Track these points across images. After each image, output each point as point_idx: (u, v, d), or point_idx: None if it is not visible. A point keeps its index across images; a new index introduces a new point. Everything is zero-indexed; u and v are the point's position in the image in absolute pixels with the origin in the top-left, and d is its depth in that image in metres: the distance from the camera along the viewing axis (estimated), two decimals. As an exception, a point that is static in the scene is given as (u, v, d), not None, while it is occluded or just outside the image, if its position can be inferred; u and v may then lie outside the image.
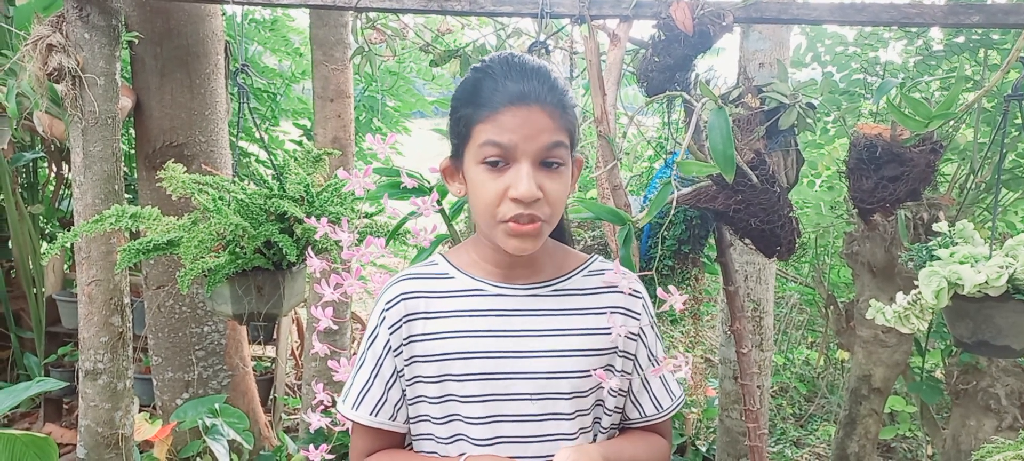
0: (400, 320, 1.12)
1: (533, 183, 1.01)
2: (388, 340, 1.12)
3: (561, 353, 1.12)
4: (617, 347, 1.15)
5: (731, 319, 1.99)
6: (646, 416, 1.21)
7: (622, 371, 1.17)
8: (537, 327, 1.12)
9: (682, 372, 1.17)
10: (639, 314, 1.18)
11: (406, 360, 1.13)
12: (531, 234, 1.03)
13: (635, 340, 1.18)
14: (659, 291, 1.22)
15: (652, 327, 1.21)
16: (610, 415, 1.18)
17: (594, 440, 1.18)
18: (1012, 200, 2.99)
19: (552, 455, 1.07)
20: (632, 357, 1.18)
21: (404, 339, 1.12)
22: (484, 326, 1.11)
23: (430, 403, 1.13)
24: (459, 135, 1.08)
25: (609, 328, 1.14)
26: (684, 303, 1.21)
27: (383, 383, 1.13)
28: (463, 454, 1.11)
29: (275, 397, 3.75)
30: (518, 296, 1.13)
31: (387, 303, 1.13)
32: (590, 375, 1.12)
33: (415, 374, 1.13)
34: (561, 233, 1.23)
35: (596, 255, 1.23)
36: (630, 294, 1.18)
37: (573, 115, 1.07)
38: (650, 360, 1.19)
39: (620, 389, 1.17)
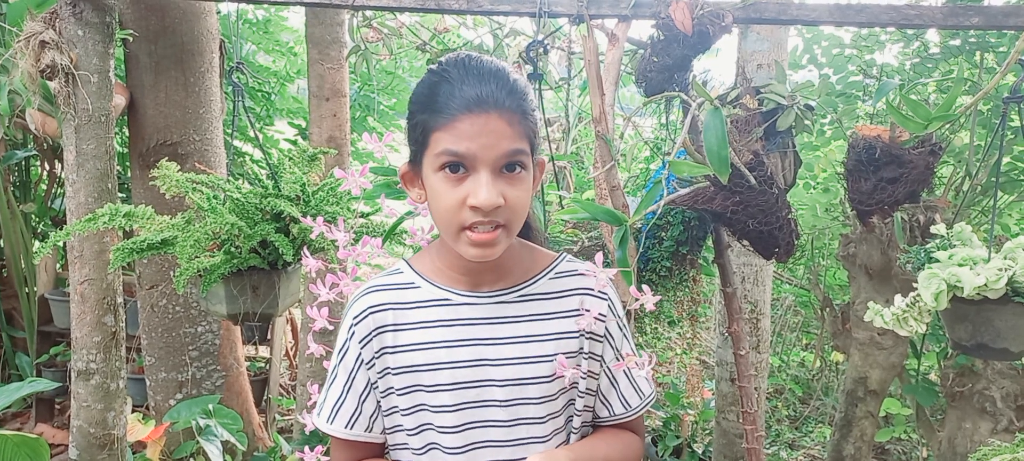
0: (370, 334, 1.11)
1: (494, 191, 0.98)
2: (359, 354, 1.11)
3: (529, 359, 1.11)
4: (582, 349, 1.15)
5: (729, 321, 1.98)
6: (615, 415, 1.20)
7: (589, 372, 1.16)
8: (504, 335, 1.11)
9: (645, 370, 1.17)
10: (605, 315, 1.17)
11: (379, 373, 1.12)
12: (491, 242, 1.01)
13: (601, 341, 1.17)
14: (632, 289, 1.21)
15: (620, 328, 1.19)
16: (580, 415, 1.17)
17: (567, 440, 1.18)
18: (1008, 203, 3.00)
19: (524, 458, 1.08)
20: (599, 358, 1.17)
21: (375, 352, 1.11)
22: (452, 336, 1.10)
23: (402, 414, 1.12)
24: (416, 141, 1.04)
25: (576, 332, 1.13)
26: (678, 303, 1.20)
27: (356, 396, 1.12)
28: None
29: (269, 398, 3.73)
30: (484, 304, 1.12)
31: (355, 318, 1.11)
32: (556, 378, 1.12)
33: (388, 386, 1.12)
34: (528, 231, 1.21)
35: (564, 253, 1.22)
36: (596, 296, 1.16)
37: (533, 119, 1.04)
38: (617, 360, 1.19)
39: (588, 389, 1.16)
